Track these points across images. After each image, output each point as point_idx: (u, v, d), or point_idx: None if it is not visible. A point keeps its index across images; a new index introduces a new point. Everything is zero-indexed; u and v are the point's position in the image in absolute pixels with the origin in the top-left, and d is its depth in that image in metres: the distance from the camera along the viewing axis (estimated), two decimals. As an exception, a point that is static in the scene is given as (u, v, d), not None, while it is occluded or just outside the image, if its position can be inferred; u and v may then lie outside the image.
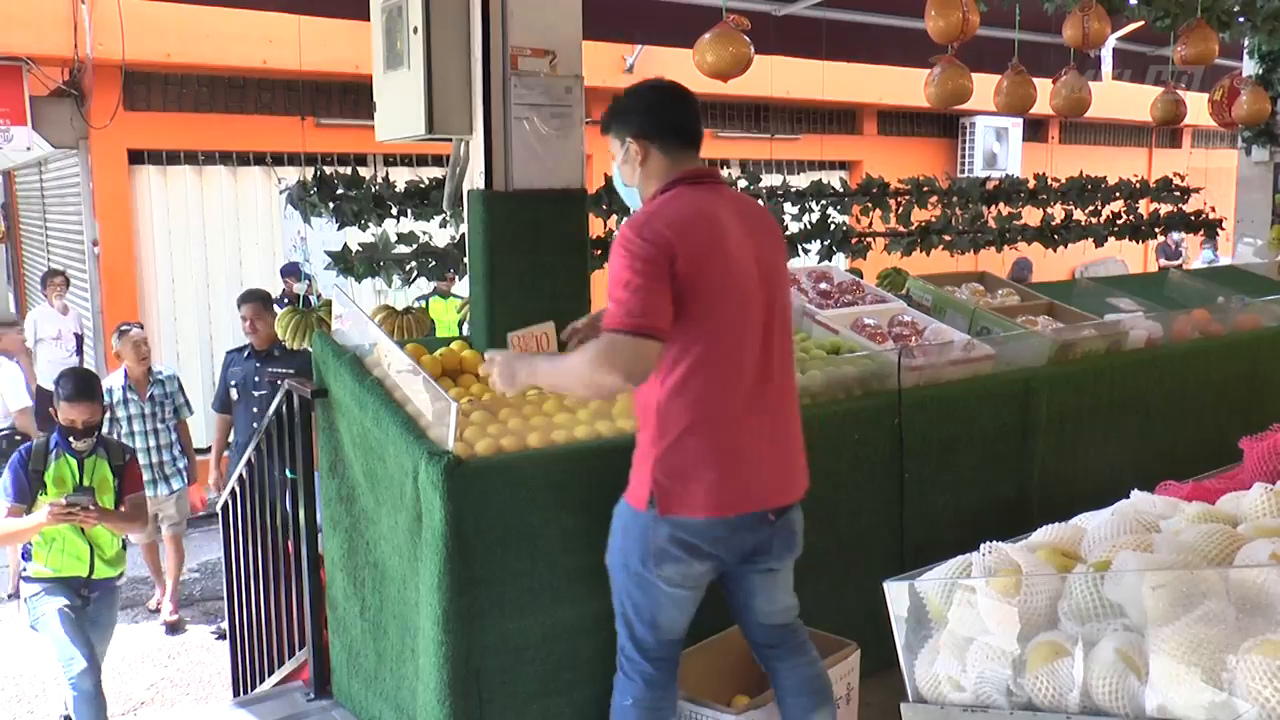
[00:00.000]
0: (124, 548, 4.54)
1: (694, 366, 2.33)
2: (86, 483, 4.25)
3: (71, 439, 4.25)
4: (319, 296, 6.15)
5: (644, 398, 2.42)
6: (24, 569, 4.32)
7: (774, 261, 2.51)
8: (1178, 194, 6.73)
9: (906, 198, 5.50)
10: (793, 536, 2.55)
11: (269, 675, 4.09)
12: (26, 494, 4.17)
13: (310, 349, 3.47)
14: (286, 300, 8.37)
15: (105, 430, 4.62)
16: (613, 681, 2.62)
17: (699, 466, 2.34)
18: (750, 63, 4.32)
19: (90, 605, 4.34)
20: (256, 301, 5.89)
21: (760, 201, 4.87)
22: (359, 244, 3.81)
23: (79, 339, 8.99)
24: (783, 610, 2.62)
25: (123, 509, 4.36)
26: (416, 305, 6.82)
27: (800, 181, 5.32)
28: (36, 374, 8.33)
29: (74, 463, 4.28)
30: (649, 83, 2.60)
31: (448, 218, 3.69)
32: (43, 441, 4.35)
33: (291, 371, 4.88)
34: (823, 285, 4.27)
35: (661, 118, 2.50)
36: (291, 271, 8.69)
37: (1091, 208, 6.28)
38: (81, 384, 4.26)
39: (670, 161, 2.48)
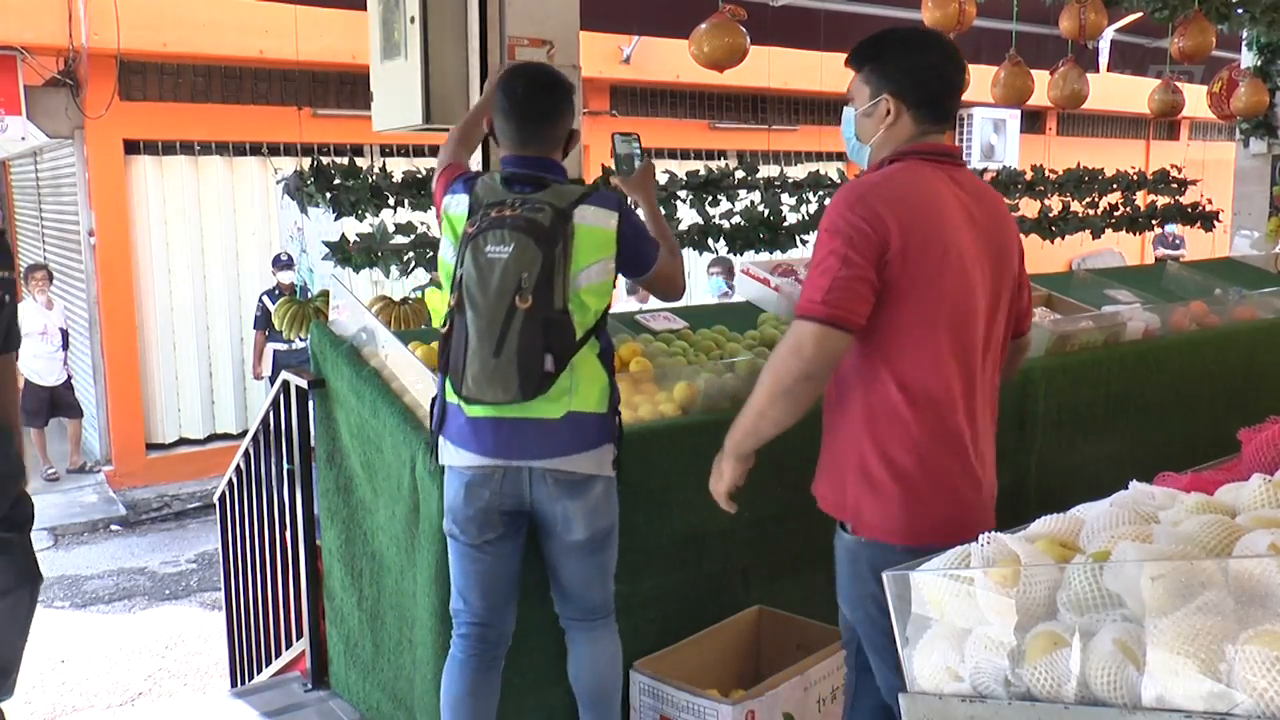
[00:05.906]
0: None
1: (899, 372, 2.08)
2: None
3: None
4: (303, 289, 6.12)
5: (841, 398, 2.15)
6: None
7: (1000, 258, 2.19)
8: (1175, 186, 6.74)
9: (904, 189, 5.49)
10: None
11: (266, 666, 4.09)
12: None
13: None
14: (279, 292, 8.35)
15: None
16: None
17: (919, 487, 2.08)
18: (746, 53, 4.31)
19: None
20: None
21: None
22: (356, 234, 3.80)
23: (64, 334, 8.96)
24: None
25: None
26: (414, 296, 6.80)
27: (798, 173, 5.31)
28: (22, 371, 8.29)
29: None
30: (925, 36, 2.26)
31: (445, 208, 3.67)
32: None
33: None
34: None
35: (929, 85, 2.16)
36: (278, 263, 8.66)
37: (1089, 199, 6.29)
38: None
39: (917, 132, 2.16)
